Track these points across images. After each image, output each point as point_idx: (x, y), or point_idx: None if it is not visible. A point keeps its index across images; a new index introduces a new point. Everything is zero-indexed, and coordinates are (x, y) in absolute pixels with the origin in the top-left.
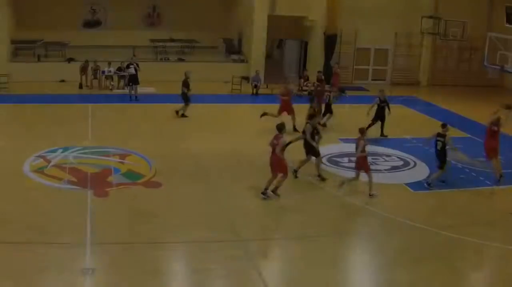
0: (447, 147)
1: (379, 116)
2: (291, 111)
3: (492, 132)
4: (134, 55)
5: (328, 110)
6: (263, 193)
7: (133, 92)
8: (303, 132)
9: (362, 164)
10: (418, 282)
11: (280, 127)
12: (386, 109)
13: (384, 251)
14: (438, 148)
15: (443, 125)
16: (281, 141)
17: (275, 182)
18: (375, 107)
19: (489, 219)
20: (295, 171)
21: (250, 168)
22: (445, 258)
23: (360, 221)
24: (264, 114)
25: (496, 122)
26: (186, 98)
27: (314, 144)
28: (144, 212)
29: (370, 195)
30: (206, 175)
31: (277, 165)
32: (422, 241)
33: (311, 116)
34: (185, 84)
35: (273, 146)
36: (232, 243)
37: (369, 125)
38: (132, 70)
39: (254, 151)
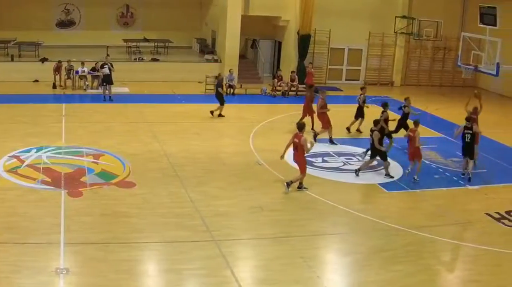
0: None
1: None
2: (328, 124)
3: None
4: (108, 55)
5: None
6: (299, 187)
7: (107, 92)
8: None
9: (415, 154)
10: (391, 282)
11: (301, 127)
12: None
13: (357, 251)
14: (467, 140)
15: (468, 119)
16: (303, 140)
17: (295, 180)
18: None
19: (463, 219)
20: (358, 171)
21: (223, 168)
22: (418, 258)
23: (333, 221)
24: (330, 140)
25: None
26: (221, 99)
27: (382, 149)
28: (118, 212)
29: (414, 179)
30: (180, 175)
31: (301, 163)
32: (395, 241)
33: (376, 122)
34: (219, 84)
35: (295, 144)
36: (205, 243)
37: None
38: (106, 70)
39: (228, 151)
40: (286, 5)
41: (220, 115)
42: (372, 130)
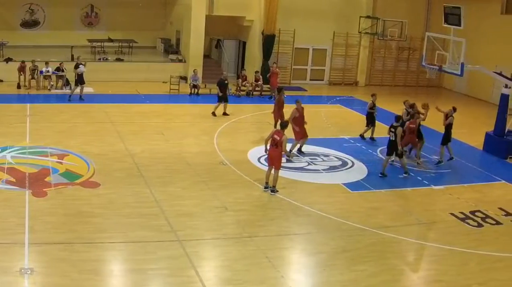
0: None
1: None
2: (305, 135)
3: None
4: (72, 55)
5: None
6: (266, 188)
7: (76, 92)
8: (395, 135)
9: (412, 141)
10: (355, 282)
11: (285, 125)
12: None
13: (321, 251)
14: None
15: (455, 109)
16: (284, 138)
17: (273, 181)
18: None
19: (427, 219)
20: (382, 174)
21: (187, 168)
22: (382, 258)
23: (298, 221)
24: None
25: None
26: (223, 98)
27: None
28: (83, 212)
29: (418, 163)
30: (144, 175)
31: (277, 159)
32: (359, 241)
33: (398, 119)
34: (222, 84)
35: (275, 141)
36: (170, 243)
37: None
38: (81, 69)
39: (192, 151)
40: (251, 5)
41: (224, 113)
42: (394, 127)
